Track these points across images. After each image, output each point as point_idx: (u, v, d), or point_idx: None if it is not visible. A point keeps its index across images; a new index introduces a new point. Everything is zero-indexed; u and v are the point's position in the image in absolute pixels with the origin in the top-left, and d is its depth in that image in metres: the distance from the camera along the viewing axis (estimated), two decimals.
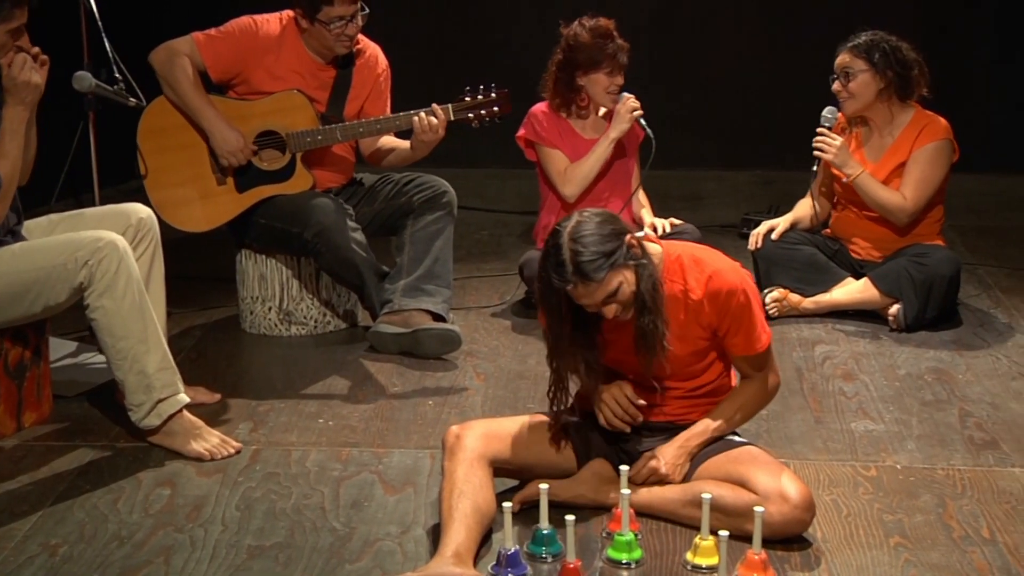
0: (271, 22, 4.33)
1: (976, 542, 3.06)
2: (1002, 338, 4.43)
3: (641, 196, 4.72)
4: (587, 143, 4.56)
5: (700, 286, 3.07)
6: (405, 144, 4.42)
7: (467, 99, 4.30)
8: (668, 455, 3.15)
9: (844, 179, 4.52)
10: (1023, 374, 4.10)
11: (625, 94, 4.50)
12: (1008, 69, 6.51)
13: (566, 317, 3.02)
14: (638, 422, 3.13)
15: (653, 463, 3.13)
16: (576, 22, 4.49)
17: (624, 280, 2.93)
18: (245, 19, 4.33)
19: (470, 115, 4.29)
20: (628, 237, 2.95)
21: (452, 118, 4.27)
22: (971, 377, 4.09)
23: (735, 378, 3.26)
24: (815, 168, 4.58)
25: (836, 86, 4.54)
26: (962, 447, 3.59)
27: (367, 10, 4.28)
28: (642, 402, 3.12)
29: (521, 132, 4.63)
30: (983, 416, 3.79)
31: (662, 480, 3.13)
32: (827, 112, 4.57)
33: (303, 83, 4.32)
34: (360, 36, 4.37)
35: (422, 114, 4.24)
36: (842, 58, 4.53)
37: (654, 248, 3.08)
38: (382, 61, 4.50)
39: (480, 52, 6.55)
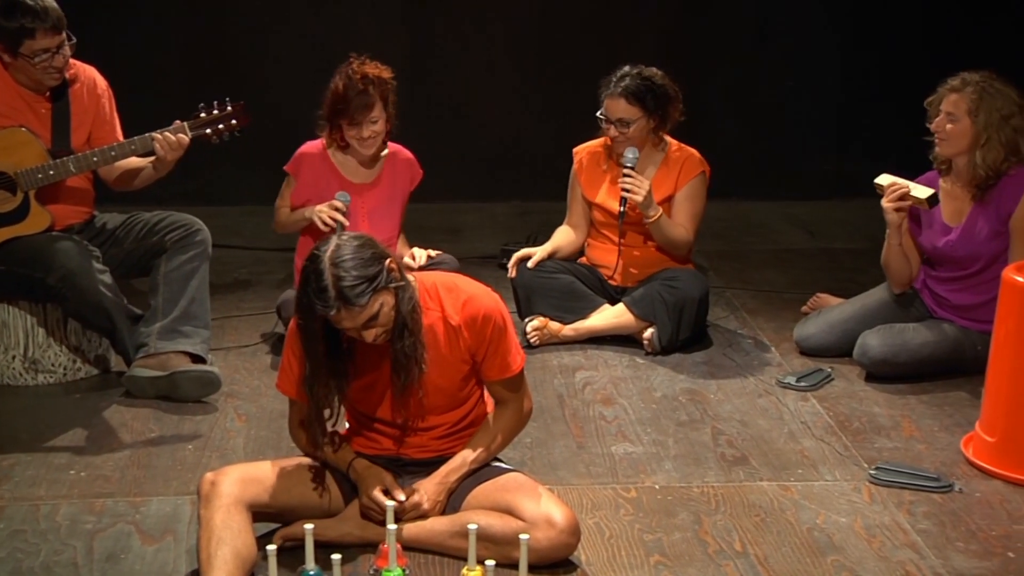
0: None
1: (730, 555, 3.19)
2: (749, 357, 4.63)
3: (402, 238, 4.72)
4: (351, 186, 4.52)
5: (457, 312, 3.10)
6: (146, 163, 4.29)
7: (202, 115, 4.21)
8: (429, 491, 3.15)
9: (645, 220, 4.62)
10: (768, 391, 4.30)
11: (339, 197, 4.39)
12: (742, 99, 6.86)
13: (322, 344, 3.00)
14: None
15: (415, 499, 3.13)
16: (346, 63, 4.43)
17: (384, 303, 2.94)
18: None
19: (207, 131, 4.21)
20: (388, 261, 2.96)
21: (189, 136, 4.18)
22: (722, 396, 4.27)
23: (490, 403, 3.30)
24: (623, 209, 4.64)
25: (612, 131, 4.63)
26: (715, 464, 3.73)
27: (74, 39, 4.13)
28: (401, 497, 3.10)
29: (287, 165, 4.59)
30: (733, 433, 3.96)
31: (423, 516, 3.14)
32: (629, 153, 4.60)
33: (20, 118, 4.14)
34: (73, 61, 4.22)
35: (167, 133, 4.13)
36: (615, 104, 4.58)
37: (407, 278, 3.10)
38: (100, 83, 4.36)
39: (228, 82, 6.43)
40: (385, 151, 4.58)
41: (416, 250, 4.62)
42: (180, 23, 6.57)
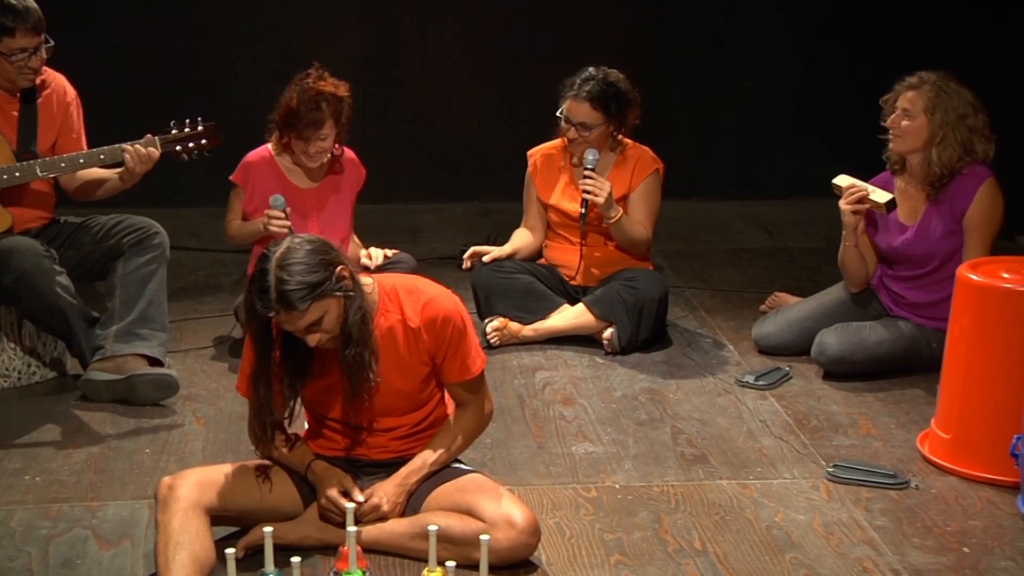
0: None
1: (689, 554, 3.20)
2: (708, 356, 4.65)
3: (354, 237, 4.71)
4: (299, 191, 4.51)
5: (417, 314, 3.10)
6: (111, 175, 4.27)
7: (174, 132, 4.21)
8: (389, 493, 3.15)
9: (606, 221, 4.63)
10: (727, 390, 4.33)
11: (274, 204, 4.33)
12: (701, 99, 6.89)
13: (276, 342, 2.99)
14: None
15: (374, 501, 3.12)
16: (303, 74, 4.39)
17: (328, 310, 2.93)
18: None
19: (178, 148, 4.21)
20: (339, 268, 2.95)
21: (160, 151, 4.16)
22: (681, 395, 4.29)
23: (450, 405, 3.30)
24: (584, 211, 4.65)
25: (572, 133, 4.64)
26: (675, 463, 3.75)
27: (52, 42, 4.11)
28: (361, 499, 3.10)
29: (234, 175, 4.56)
30: (693, 432, 3.98)
31: (383, 517, 3.13)
32: (590, 155, 4.60)
33: None
34: (44, 68, 4.20)
35: (138, 146, 4.12)
36: (578, 107, 4.59)
37: (366, 281, 3.09)
38: (70, 92, 4.33)
39: (189, 88, 6.40)
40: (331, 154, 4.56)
41: (373, 249, 4.60)
42: (135, 27, 6.50)
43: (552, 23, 6.70)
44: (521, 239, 4.92)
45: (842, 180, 4.39)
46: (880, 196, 4.28)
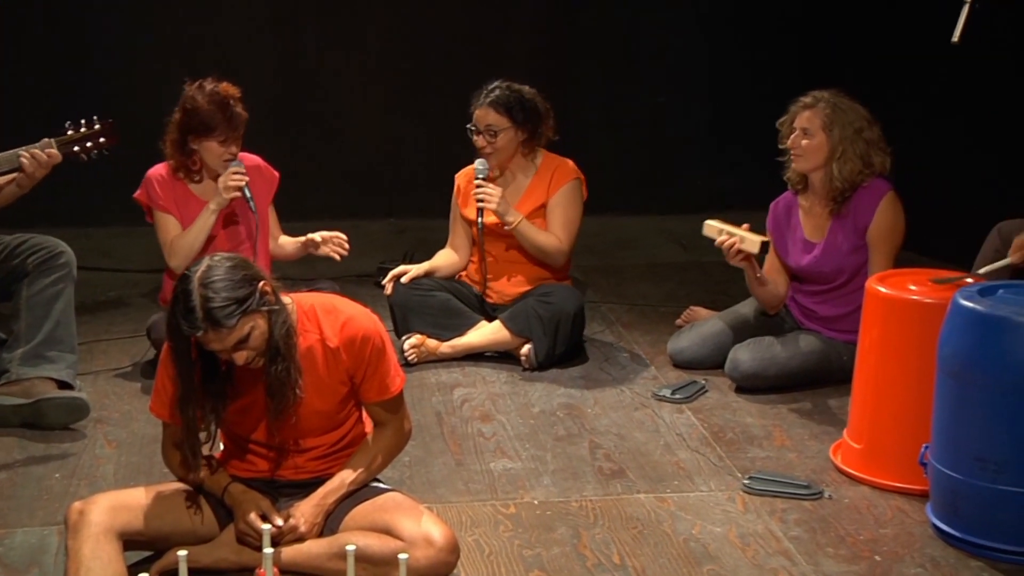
0: None
1: (608, 568, 3.21)
2: (625, 371, 4.68)
3: (274, 233, 4.67)
4: (204, 205, 4.45)
5: (335, 334, 3.08)
6: (6, 180, 4.15)
7: (70, 132, 4.12)
8: (306, 513, 3.11)
9: (505, 227, 4.65)
10: (644, 404, 4.35)
11: (233, 165, 4.38)
12: (615, 115, 6.94)
13: (196, 365, 2.95)
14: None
15: (292, 522, 3.09)
16: (197, 84, 4.37)
17: (255, 326, 2.90)
18: None
19: (76, 148, 4.11)
20: (262, 283, 2.92)
21: (58, 153, 4.07)
22: (599, 410, 4.31)
23: (368, 423, 3.28)
24: (480, 220, 4.68)
25: (480, 141, 4.68)
26: (593, 478, 3.76)
27: None
28: (279, 522, 3.06)
29: (137, 193, 4.49)
30: (611, 447, 4.00)
31: (301, 538, 3.10)
32: (479, 164, 4.67)
33: None
34: None
35: (36, 150, 4.03)
36: (484, 113, 4.65)
37: (285, 300, 3.07)
38: None
39: (91, 95, 6.28)
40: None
41: (324, 233, 4.57)
42: (39, 39, 6.38)
43: (466, 38, 6.71)
44: (443, 258, 4.93)
45: (710, 228, 4.40)
46: (751, 244, 4.26)
